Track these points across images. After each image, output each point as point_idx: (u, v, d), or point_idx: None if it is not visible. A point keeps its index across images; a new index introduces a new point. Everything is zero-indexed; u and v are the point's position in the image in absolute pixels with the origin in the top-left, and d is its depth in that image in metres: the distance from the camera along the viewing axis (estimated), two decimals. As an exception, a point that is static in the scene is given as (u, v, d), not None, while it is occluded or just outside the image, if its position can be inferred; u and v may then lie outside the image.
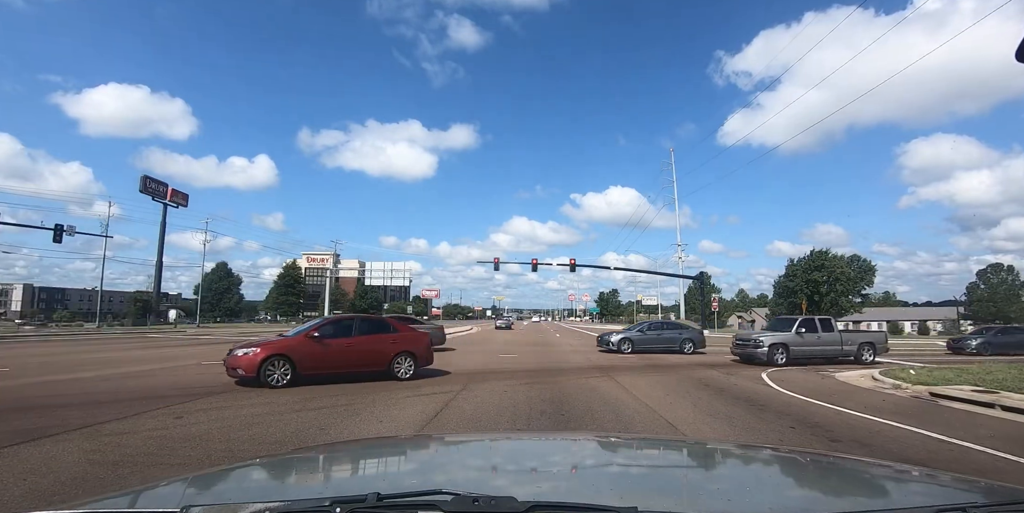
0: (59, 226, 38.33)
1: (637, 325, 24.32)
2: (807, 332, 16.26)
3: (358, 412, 7.17)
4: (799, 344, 16.02)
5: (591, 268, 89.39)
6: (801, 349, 16.03)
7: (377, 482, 1.45)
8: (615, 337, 21.01)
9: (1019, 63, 3.00)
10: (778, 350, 15.73)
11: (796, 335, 16.09)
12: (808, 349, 16.16)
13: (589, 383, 10.84)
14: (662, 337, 21.28)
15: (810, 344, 16.20)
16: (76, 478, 4.08)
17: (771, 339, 15.97)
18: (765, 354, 15.61)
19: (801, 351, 16.03)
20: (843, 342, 16.62)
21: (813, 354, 16.32)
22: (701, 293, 48.67)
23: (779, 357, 15.69)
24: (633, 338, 20.80)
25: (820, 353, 16.38)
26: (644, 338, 21.03)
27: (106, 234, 46.92)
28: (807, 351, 16.16)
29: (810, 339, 16.21)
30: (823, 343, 16.41)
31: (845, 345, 16.61)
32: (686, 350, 20.65)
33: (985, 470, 4.96)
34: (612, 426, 6.70)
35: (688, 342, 20.99)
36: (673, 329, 22.37)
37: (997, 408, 8.21)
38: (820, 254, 59.31)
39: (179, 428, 6.03)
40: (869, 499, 1.36)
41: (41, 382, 9.94)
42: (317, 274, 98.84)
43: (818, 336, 16.35)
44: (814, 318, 17.16)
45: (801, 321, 16.67)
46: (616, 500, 1.03)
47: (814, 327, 16.49)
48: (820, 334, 16.41)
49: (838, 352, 16.52)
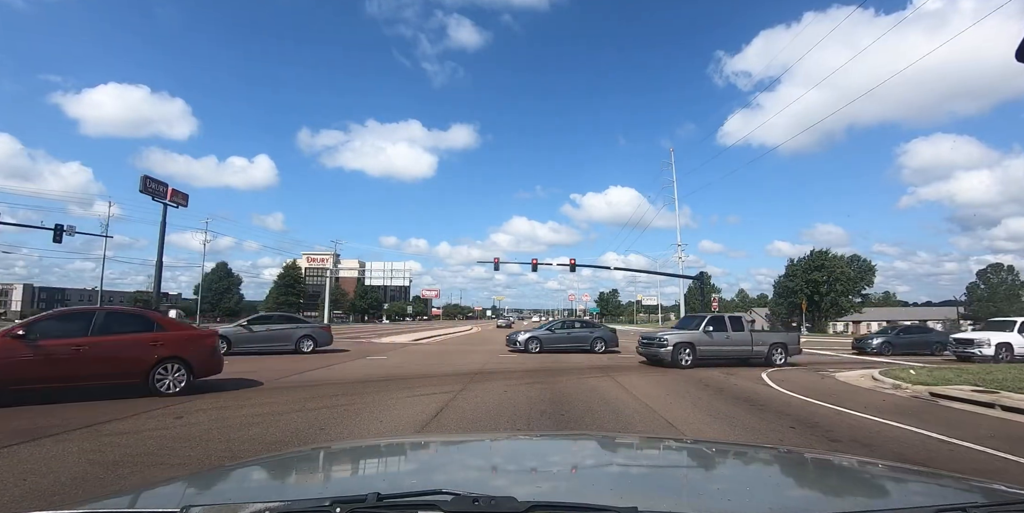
0: (59, 226, 38.30)
1: (548, 323, 23.43)
2: (715, 331, 15.09)
3: (358, 412, 7.17)
4: (707, 344, 14.88)
5: (591, 268, 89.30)
6: (709, 349, 14.91)
7: (377, 482, 1.45)
8: (522, 336, 20.27)
9: (1019, 63, 3.00)
10: (683, 350, 14.61)
11: (704, 334, 14.95)
12: (717, 349, 15.02)
13: (589, 383, 10.84)
14: (572, 336, 20.64)
15: (719, 344, 15.04)
16: (76, 478, 4.07)
17: (676, 338, 14.80)
18: (669, 354, 14.50)
19: (709, 351, 14.91)
20: (753, 342, 15.39)
21: (722, 354, 15.15)
22: (701, 293, 48.65)
23: (684, 358, 14.57)
24: (541, 337, 20.13)
25: (729, 353, 15.24)
26: (553, 337, 20.36)
27: (106, 234, 46.97)
28: (715, 351, 15.02)
29: (719, 338, 15.04)
30: (732, 343, 15.21)
31: (756, 345, 15.37)
32: (597, 349, 20.07)
33: (985, 470, 4.96)
34: (612, 426, 6.70)
35: (599, 341, 20.40)
36: (585, 327, 21.87)
37: (997, 408, 8.21)
38: (820, 254, 59.34)
39: (179, 428, 6.03)
40: (869, 499, 1.36)
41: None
42: (317, 274, 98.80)
43: (727, 335, 15.16)
44: (724, 316, 16.06)
45: (710, 319, 15.55)
46: (616, 500, 1.03)
47: (723, 325, 15.33)
48: (730, 333, 15.22)
49: (748, 353, 15.33)
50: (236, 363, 14.33)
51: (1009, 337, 17.88)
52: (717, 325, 15.27)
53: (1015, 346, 17.65)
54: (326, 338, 18.54)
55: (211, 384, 9.36)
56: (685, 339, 14.84)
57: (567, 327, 21.65)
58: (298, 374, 11.73)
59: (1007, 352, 17.57)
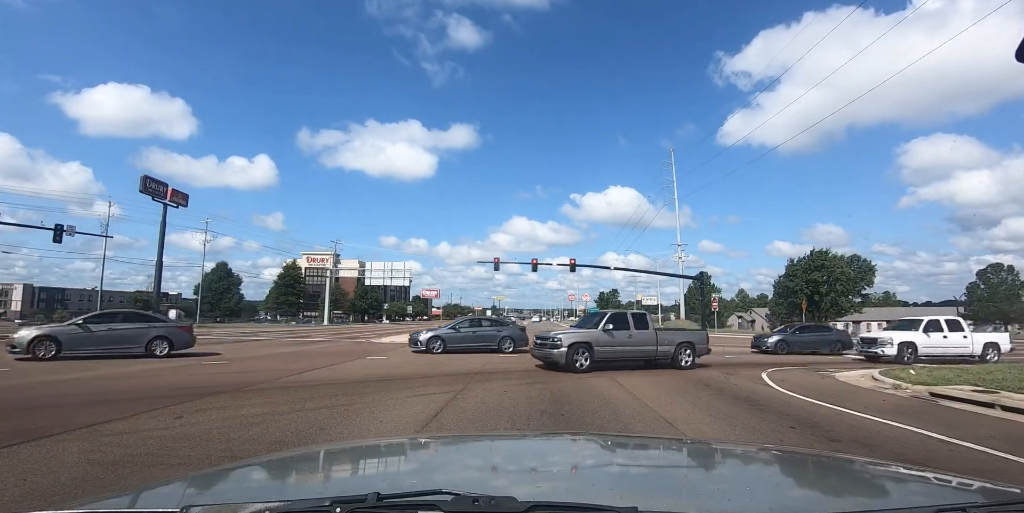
0: (59, 226, 38.28)
1: (453, 322, 22.06)
2: (616, 329, 13.64)
3: (358, 412, 7.17)
4: (607, 344, 13.44)
5: (591, 268, 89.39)
6: (609, 350, 13.50)
7: (377, 482, 1.45)
8: (424, 335, 19.09)
9: (1019, 63, 2.99)
10: (579, 351, 13.05)
11: (603, 333, 13.49)
12: (617, 350, 13.63)
13: (589, 383, 10.84)
14: (478, 334, 19.73)
15: (620, 344, 13.63)
16: (76, 478, 4.07)
17: (571, 338, 13.20)
18: (563, 356, 12.85)
19: (609, 352, 13.51)
20: (659, 341, 14.08)
21: (623, 355, 13.82)
22: (701, 293, 48.66)
23: (580, 360, 13.01)
24: (444, 336, 19.12)
25: (632, 354, 13.92)
26: (457, 336, 19.34)
27: (106, 234, 46.98)
28: (616, 352, 13.63)
29: (620, 338, 13.62)
30: (635, 343, 13.83)
31: (661, 345, 14.09)
32: (505, 349, 19.31)
33: (985, 470, 4.96)
34: (612, 425, 6.70)
35: (508, 340, 19.64)
36: (493, 326, 20.76)
37: (997, 408, 8.21)
38: (820, 254, 59.33)
39: (179, 428, 6.02)
40: (869, 499, 1.36)
41: (40, 382, 9.94)
42: (317, 274, 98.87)
43: (629, 334, 13.75)
44: (627, 313, 14.42)
45: (610, 316, 14.07)
46: (616, 500, 1.03)
47: (625, 324, 13.88)
48: (632, 332, 13.81)
49: (652, 353, 14.03)
50: (236, 363, 14.37)
51: (913, 336, 17.34)
52: (618, 323, 13.82)
53: (919, 345, 17.12)
54: (185, 339, 16.17)
55: (211, 384, 9.37)
56: (581, 339, 13.29)
57: (474, 325, 20.46)
58: (298, 374, 11.73)
59: (911, 352, 17.04)
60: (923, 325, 17.53)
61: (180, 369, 12.70)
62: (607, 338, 13.52)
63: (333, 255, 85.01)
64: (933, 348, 17.29)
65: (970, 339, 17.53)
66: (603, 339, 13.48)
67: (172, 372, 12.01)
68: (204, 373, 11.87)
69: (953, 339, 17.43)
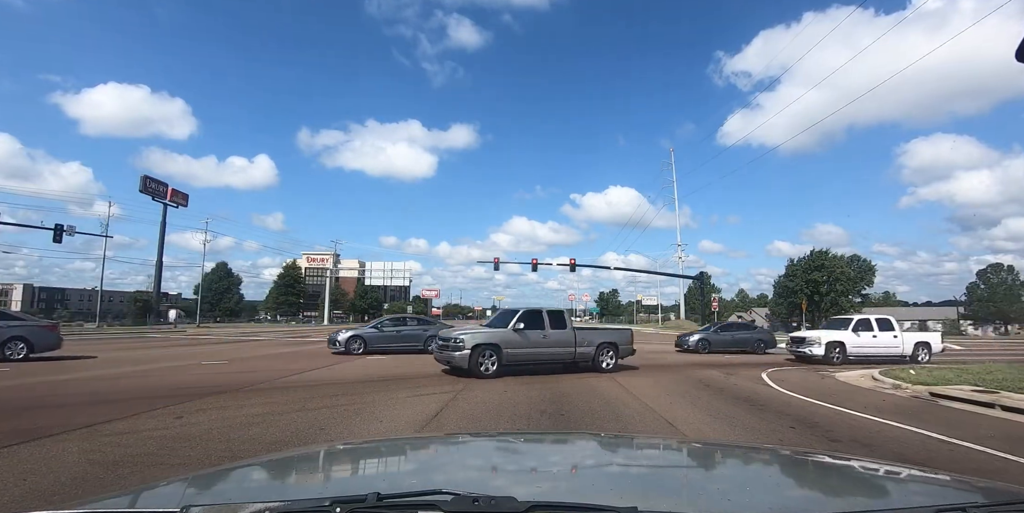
0: (59, 226, 38.36)
1: (376, 321, 20.67)
2: (529, 329, 12.18)
3: (358, 412, 7.17)
4: (518, 345, 11.94)
5: (591, 268, 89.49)
6: (521, 352, 12.01)
7: (377, 482, 1.45)
8: (342, 335, 18.07)
9: (1019, 63, 3.00)
10: (485, 354, 11.47)
11: (514, 333, 11.97)
12: (530, 352, 12.17)
13: (589, 383, 10.84)
14: (403, 334, 18.74)
15: (534, 345, 12.16)
16: (76, 478, 4.07)
17: (476, 339, 11.60)
18: (466, 359, 11.28)
19: (521, 354, 12.02)
20: (578, 342, 12.72)
21: (537, 358, 12.38)
22: (701, 293, 48.70)
23: (487, 364, 11.46)
24: (366, 336, 18.10)
25: (546, 356, 12.50)
26: (380, 336, 18.25)
27: (106, 234, 46.98)
28: (529, 354, 12.17)
29: (534, 338, 12.15)
30: (551, 344, 12.41)
31: (580, 346, 12.73)
32: (431, 349, 17.86)
33: (985, 470, 4.96)
34: (612, 425, 6.70)
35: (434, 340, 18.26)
36: (420, 325, 19.62)
37: (997, 408, 8.21)
38: (820, 254, 59.41)
39: (179, 428, 6.02)
40: (869, 499, 1.36)
41: (40, 382, 9.94)
42: (317, 274, 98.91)
43: (544, 334, 12.30)
44: (542, 311, 12.82)
45: (523, 314, 12.42)
46: (616, 500, 1.03)
47: (540, 323, 12.41)
48: (547, 332, 12.38)
49: (570, 354, 12.71)
50: (236, 363, 14.37)
51: (842, 336, 16.92)
52: (532, 322, 12.31)
53: (848, 345, 16.73)
54: (48, 340, 14.43)
55: (211, 384, 9.37)
56: (487, 340, 11.68)
57: (398, 324, 19.32)
58: (298, 374, 11.73)
59: (839, 352, 16.62)
60: (853, 324, 17.22)
61: (180, 369, 12.70)
62: (518, 339, 12.02)
63: (333, 255, 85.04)
64: (862, 348, 16.92)
65: (901, 339, 17.23)
66: (514, 340, 11.95)
67: (172, 372, 12.01)
68: (204, 373, 11.87)
69: (883, 339, 17.11)
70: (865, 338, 16.98)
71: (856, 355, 16.81)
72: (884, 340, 17.10)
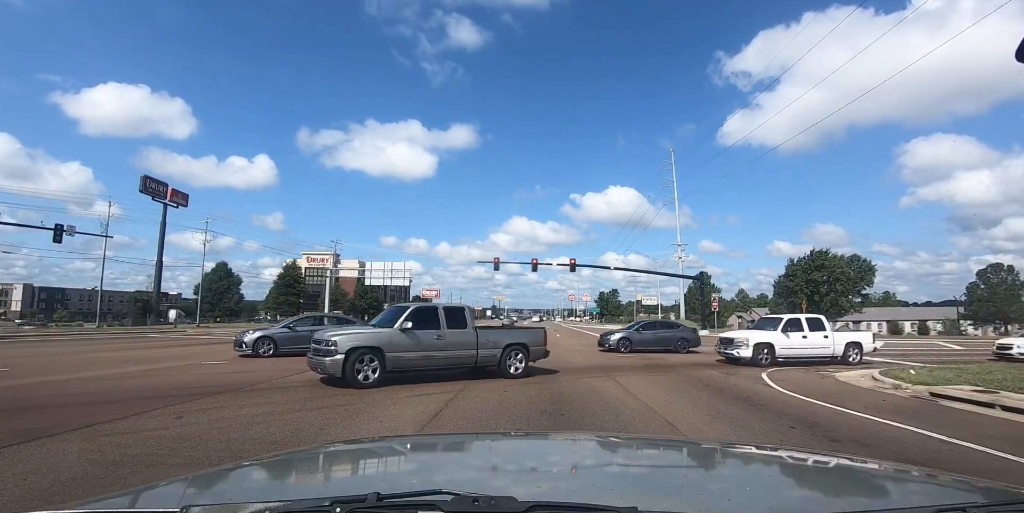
0: (59, 226, 38.33)
1: (289, 320, 19.25)
2: (420, 328, 10.40)
3: (358, 412, 7.17)
4: (406, 348, 10.15)
5: (591, 268, 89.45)
6: (410, 356, 10.21)
7: (377, 482, 1.45)
8: (251, 335, 16.85)
9: (1019, 63, 3.00)
10: (363, 359, 9.65)
11: (401, 334, 10.16)
12: (421, 356, 10.37)
13: (589, 383, 10.84)
14: None
15: (426, 347, 10.39)
16: (76, 478, 4.07)
17: (352, 341, 9.71)
18: (339, 366, 9.40)
19: (409, 358, 10.23)
20: (481, 344, 11.08)
21: (431, 363, 10.61)
22: (701, 293, 48.68)
23: (366, 371, 9.64)
24: (276, 337, 16.85)
25: (444, 361, 10.76)
26: (293, 337, 16.81)
27: (106, 234, 46.96)
28: (419, 358, 10.37)
29: (426, 340, 10.41)
30: (448, 346, 10.67)
31: (484, 348, 11.10)
32: None
33: (985, 470, 4.96)
34: (611, 425, 6.70)
35: None
36: (336, 325, 17.83)
37: (997, 408, 8.21)
38: (820, 254, 59.37)
39: (179, 428, 6.03)
40: (869, 499, 1.36)
41: (41, 382, 9.95)
42: (317, 274, 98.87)
43: (438, 335, 10.58)
44: (436, 308, 11.06)
45: (412, 312, 10.49)
46: (616, 500, 1.03)
47: (434, 321, 10.65)
48: (443, 332, 10.65)
49: (471, 358, 11.04)
50: (236, 363, 14.37)
51: (771, 336, 16.05)
52: (423, 321, 10.53)
53: (777, 346, 15.87)
54: None
55: (211, 384, 9.36)
56: (366, 342, 9.85)
57: (313, 324, 18.00)
58: (298, 374, 11.73)
59: (767, 353, 15.75)
60: (782, 324, 16.42)
61: (180, 369, 12.70)
62: (406, 341, 10.19)
63: (333, 255, 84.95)
64: (792, 349, 16.09)
65: (831, 339, 16.46)
66: (400, 342, 10.12)
67: (172, 372, 12.01)
68: (204, 373, 11.87)
69: (813, 339, 16.32)
70: (795, 339, 16.19)
71: (785, 356, 15.99)
72: (814, 341, 16.34)
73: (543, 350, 12.32)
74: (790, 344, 16.12)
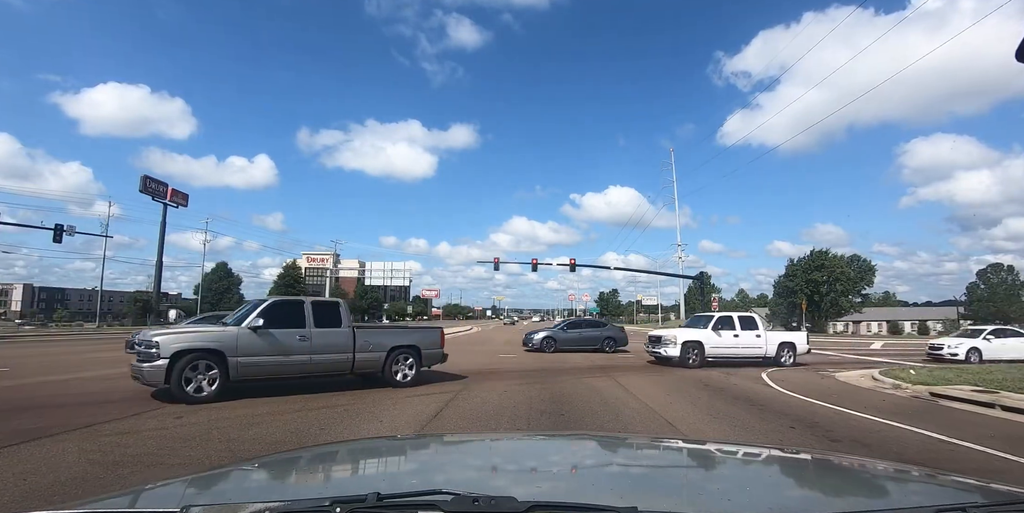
0: (59, 226, 38.33)
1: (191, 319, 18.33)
2: (279, 327, 8.41)
3: (358, 412, 7.17)
4: (258, 351, 8.16)
5: (591, 268, 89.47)
6: (261, 362, 8.19)
7: (377, 482, 1.45)
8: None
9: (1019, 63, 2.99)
10: (197, 365, 7.71)
11: (252, 334, 8.18)
12: (278, 361, 8.35)
13: (589, 383, 10.84)
14: None
15: (285, 351, 8.39)
16: (76, 478, 4.07)
17: (180, 342, 7.77)
18: (160, 373, 7.48)
19: (260, 364, 8.19)
20: (359, 346, 9.19)
21: (292, 369, 8.54)
22: (701, 293, 48.69)
23: (199, 381, 7.70)
24: None
25: (311, 367, 8.68)
26: None
27: (106, 234, 46.93)
28: (276, 364, 8.35)
29: (286, 342, 8.42)
30: (316, 349, 8.68)
31: (363, 352, 9.23)
32: None
33: (985, 470, 4.96)
34: (611, 425, 6.70)
35: None
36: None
37: (997, 408, 8.22)
38: (820, 254, 59.39)
39: (179, 428, 6.03)
40: (869, 499, 1.36)
41: (41, 382, 9.95)
42: (317, 274, 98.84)
43: (302, 335, 8.57)
44: (303, 302, 9.02)
45: (268, 307, 8.52)
46: (616, 500, 1.03)
47: (297, 319, 8.68)
48: (309, 331, 8.65)
49: (347, 363, 9.09)
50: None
51: (700, 335, 15.32)
52: (282, 317, 8.54)
53: (707, 345, 15.13)
54: None
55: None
56: (200, 344, 7.88)
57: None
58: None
59: (696, 352, 14.99)
60: (712, 322, 15.65)
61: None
62: (258, 343, 8.21)
63: (333, 255, 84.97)
64: (722, 348, 15.36)
65: (764, 339, 15.71)
66: (251, 344, 8.17)
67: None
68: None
69: (745, 338, 15.55)
70: (726, 338, 15.45)
71: (715, 356, 15.29)
72: (746, 340, 15.61)
73: (439, 353, 10.52)
74: (721, 343, 15.39)
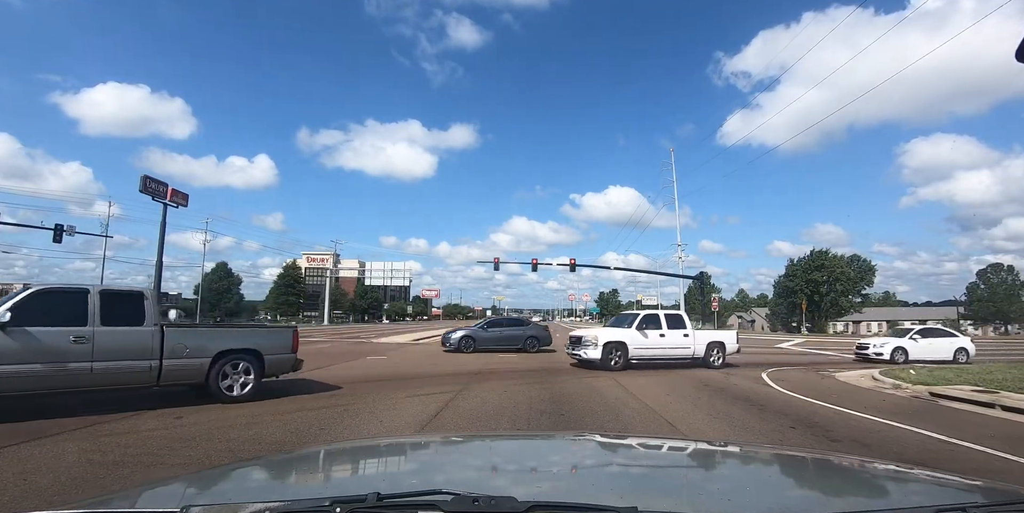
0: (59, 226, 38.32)
1: None
2: (40, 324, 6.41)
3: (358, 412, 7.17)
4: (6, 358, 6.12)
5: (591, 268, 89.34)
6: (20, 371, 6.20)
7: (377, 482, 1.45)
8: None
9: (1019, 63, 2.99)
10: None
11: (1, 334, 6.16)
12: (38, 370, 6.31)
13: (589, 383, 10.84)
14: None
15: (52, 356, 6.39)
16: (76, 478, 4.07)
17: None
18: None
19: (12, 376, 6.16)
20: (168, 350, 7.21)
21: (63, 382, 6.54)
22: (701, 293, 48.70)
23: None
24: None
25: (90, 378, 6.66)
26: None
27: (106, 234, 46.97)
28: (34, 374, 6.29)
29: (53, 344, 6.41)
30: (100, 354, 6.68)
31: (175, 357, 7.26)
32: None
33: (985, 470, 4.96)
34: (611, 425, 6.70)
35: None
36: None
37: (997, 408, 8.22)
38: (820, 254, 59.45)
39: (179, 428, 6.03)
40: (869, 499, 1.36)
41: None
42: (317, 274, 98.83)
43: (77, 336, 6.56)
44: (86, 291, 6.87)
45: (27, 297, 6.52)
46: (616, 500, 1.03)
47: (75, 314, 6.65)
48: (90, 330, 6.67)
49: (150, 371, 7.09)
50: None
51: (624, 335, 14.16)
52: (44, 312, 6.52)
53: (631, 346, 13.97)
54: None
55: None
56: None
57: None
58: (298, 374, 11.72)
59: (619, 354, 13.77)
60: (637, 321, 14.56)
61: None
62: (12, 346, 6.20)
63: (333, 255, 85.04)
64: (647, 349, 14.29)
65: (692, 338, 14.72)
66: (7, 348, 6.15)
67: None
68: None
69: (672, 338, 14.53)
70: (652, 338, 14.41)
71: (640, 357, 14.25)
72: (673, 340, 14.60)
73: (290, 359, 8.54)
74: (646, 343, 14.34)
